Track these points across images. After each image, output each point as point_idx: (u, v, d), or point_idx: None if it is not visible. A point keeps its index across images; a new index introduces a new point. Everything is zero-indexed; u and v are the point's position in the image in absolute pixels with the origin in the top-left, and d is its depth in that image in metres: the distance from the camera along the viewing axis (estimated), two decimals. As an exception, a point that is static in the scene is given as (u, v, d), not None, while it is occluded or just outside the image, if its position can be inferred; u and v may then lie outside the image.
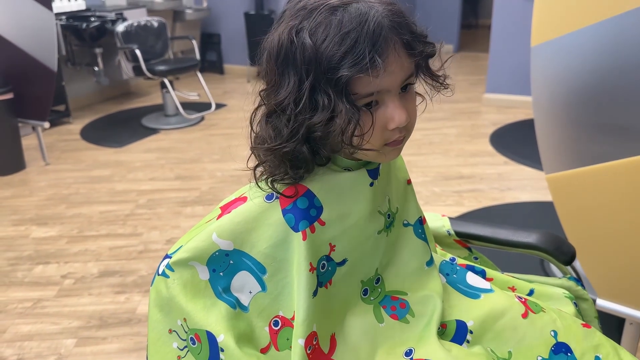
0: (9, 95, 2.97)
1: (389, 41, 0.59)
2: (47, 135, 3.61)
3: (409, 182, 0.79)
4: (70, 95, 4.13)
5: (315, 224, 0.67)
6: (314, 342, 0.65)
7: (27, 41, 2.98)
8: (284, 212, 0.66)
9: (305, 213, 0.66)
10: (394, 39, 0.59)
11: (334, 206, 0.68)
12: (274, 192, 0.67)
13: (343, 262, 0.69)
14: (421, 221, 0.78)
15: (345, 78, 0.57)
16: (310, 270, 0.65)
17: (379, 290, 0.73)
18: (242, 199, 0.70)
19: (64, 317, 1.84)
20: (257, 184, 0.68)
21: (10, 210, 2.64)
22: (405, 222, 0.77)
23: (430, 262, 0.75)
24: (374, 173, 0.70)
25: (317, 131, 0.61)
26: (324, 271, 0.67)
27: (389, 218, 0.73)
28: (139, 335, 1.73)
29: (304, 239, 0.65)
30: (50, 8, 2.90)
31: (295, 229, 0.66)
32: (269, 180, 0.67)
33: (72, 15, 4.10)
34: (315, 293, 0.65)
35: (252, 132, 0.68)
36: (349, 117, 0.59)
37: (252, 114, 0.67)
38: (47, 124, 3.10)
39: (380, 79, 0.59)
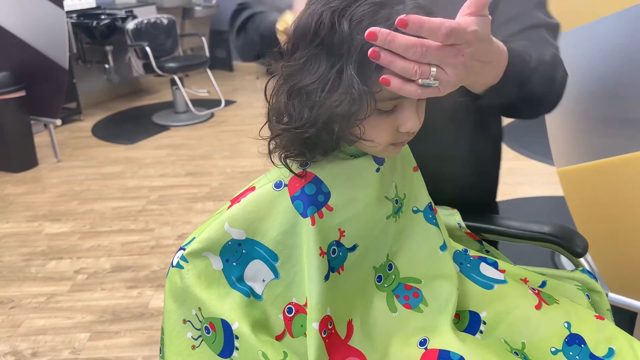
0: (21, 93, 3.00)
1: None
2: (59, 132, 3.64)
3: (415, 169, 0.80)
4: (81, 92, 4.17)
5: (324, 209, 0.67)
6: (329, 327, 0.65)
7: (39, 39, 3.01)
8: (293, 198, 0.67)
9: (313, 199, 0.67)
10: None
11: (341, 192, 0.68)
12: (288, 170, 0.67)
13: (354, 247, 0.69)
14: (431, 207, 0.78)
15: (376, 72, 0.56)
16: (320, 255, 0.65)
17: (393, 277, 0.73)
18: (251, 189, 0.71)
19: (78, 311, 1.86)
20: (270, 157, 0.68)
21: (23, 207, 2.67)
22: (415, 208, 0.77)
23: (444, 247, 0.75)
24: (379, 159, 0.71)
25: (340, 122, 0.61)
26: (335, 256, 0.68)
27: (396, 204, 0.74)
28: (151, 330, 1.75)
29: (313, 224, 0.66)
30: (61, 6, 2.92)
31: (304, 215, 0.66)
32: (282, 156, 0.67)
33: (83, 13, 4.13)
34: (327, 277, 0.66)
35: (268, 104, 0.67)
36: (374, 111, 0.59)
37: (269, 85, 0.66)
38: (58, 121, 3.13)
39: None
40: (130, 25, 3.88)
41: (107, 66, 4.31)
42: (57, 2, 2.92)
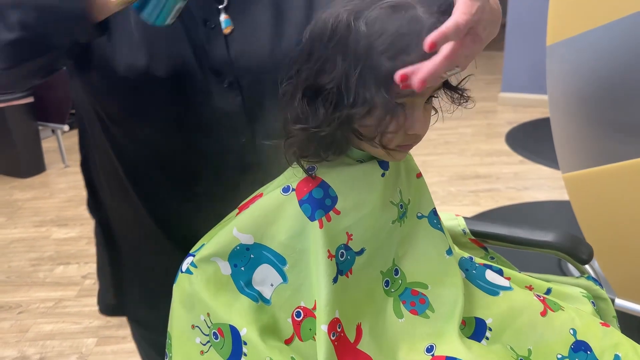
0: (30, 99, 3.03)
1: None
2: (67, 138, 3.66)
3: (418, 175, 0.80)
4: (88, 98, 4.19)
5: (331, 213, 0.68)
6: (338, 329, 0.66)
7: (47, 46, 3.03)
8: (300, 202, 0.68)
9: (320, 203, 0.68)
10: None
11: (348, 196, 0.69)
12: (297, 173, 0.69)
13: (361, 251, 0.70)
14: (435, 212, 0.78)
15: (391, 73, 0.57)
16: (328, 257, 0.66)
17: (400, 282, 0.74)
18: (259, 195, 0.72)
19: (85, 316, 1.87)
20: (285, 156, 0.69)
21: (31, 212, 2.69)
22: (419, 214, 0.77)
23: (450, 252, 0.75)
24: (384, 164, 0.72)
25: (355, 122, 0.63)
26: (343, 260, 0.68)
27: (401, 208, 0.74)
28: (158, 335, 1.75)
29: (321, 227, 0.66)
30: (69, 13, 2.95)
31: (312, 218, 0.67)
32: (298, 156, 0.68)
33: (90, 20, 4.16)
34: (335, 280, 0.66)
35: (284, 106, 0.68)
36: (387, 112, 0.61)
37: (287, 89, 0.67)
38: (66, 127, 3.16)
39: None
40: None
41: (114, 72, 4.34)
42: (65, 9, 2.94)
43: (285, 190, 0.69)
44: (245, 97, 0.79)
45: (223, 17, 0.78)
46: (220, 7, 0.78)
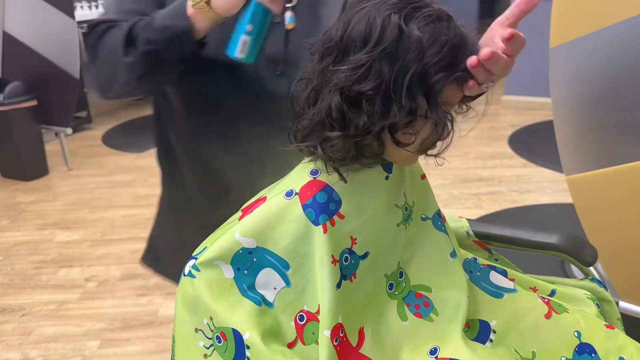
0: (33, 103, 3.03)
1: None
2: (70, 141, 3.67)
3: (423, 176, 0.80)
4: (91, 101, 4.20)
5: (335, 217, 0.68)
6: (341, 334, 0.66)
7: (50, 49, 3.05)
8: (304, 207, 0.68)
9: (324, 207, 0.67)
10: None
11: (352, 199, 0.69)
12: (308, 174, 0.69)
13: (365, 255, 0.70)
14: (439, 214, 0.78)
15: (443, 83, 0.60)
16: (332, 263, 0.66)
17: (404, 284, 0.74)
18: (262, 199, 0.72)
19: (88, 319, 1.87)
20: (323, 161, 0.68)
21: (34, 215, 2.70)
22: (424, 216, 0.77)
23: (454, 254, 0.75)
24: (388, 167, 0.72)
25: (398, 131, 0.63)
26: (347, 264, 0.68)
27: (406, 211, 0.74)
28: (161, 337, 1.75)
29: (325, 232, 0.66)
30: (72, 16, 2.96)
31: (316, 223, 0.67)
32: (337, 162, 0.67)
33: (93, 23, 4.17)
34: (339, 285, 0.66)
35: (303, 108, 0.67)
36: (437, 122, 0.62)
37: (308, 90, 0.66)
38: (69, 130, 3.17)
39: (456, 95, 0.64)
40: (140, 34, 3.91)
41: (117, 75, 4.35)
42: (68, 13, 2.95)
43: (289, 194, 0.69)
44: (292, 86, 0.82)
45: (289, 15, 0.87)
46: (288, 5, 0.87)
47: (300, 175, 0.71)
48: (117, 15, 0.87)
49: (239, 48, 0.79)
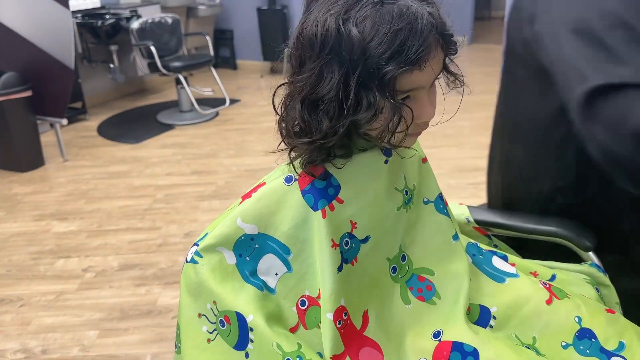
0: (28, 93, 3.01)
1: (433, 41, 0.60)
2: (65, 132, 3.66)
3: (424, 160, 0.80)
4: (86, 92, 4.18)
5: (334, 202, 0.68)
6: (344, 317, 0.66)
7: (45, 39, 3.02)
8: (303, 192, 0.68)
9: (323, 192, 0.68)
10: (436, 38, 0.61)
11: (351, 184, 0.69)
12: (306, 174, 0.69)
13: (366, 239, 0.70)
14: (442, 197, 0.79)
15: (392, 74, 0.58)
16: (332, 247, 0.66)
17: (407, 267, 0.74)
18: (262, 184, 0.72)
19: (86, 309, 1.87)
20: (292, 164, 0.69)
21: (31, 206, 2.69)
22: (425, 199, 0.77)
23: (456, 237, 0.76)
24: (387, 151, 0.72)
25: (362, 127, 0.63)
26: (347, 248, 0.68)
27: (406, 194, 0.74)
28: (159, 327, 1.76)
29: (324, 216, 0.67)
30: (67, 6, 2.93)
31: (315, 208, 0.67)
32: (305, 164, 0.68)
33: (88, 13, 4.15)
34: (340, 269, 0.67)
35: (280, 116, 0.68)
36: (394, 113, 0.61)
37: (282, 99, 0.67)
38: (64, 121, 3.15)
39: (421, 76, 0.61)
40: (135, 24, 3.89)
41: (112, 66, 4.33)
42: (63, 3, 2.93)
43: (288, 180, 0.69)
44: None
45: None
46: None
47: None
48: None
49: None
